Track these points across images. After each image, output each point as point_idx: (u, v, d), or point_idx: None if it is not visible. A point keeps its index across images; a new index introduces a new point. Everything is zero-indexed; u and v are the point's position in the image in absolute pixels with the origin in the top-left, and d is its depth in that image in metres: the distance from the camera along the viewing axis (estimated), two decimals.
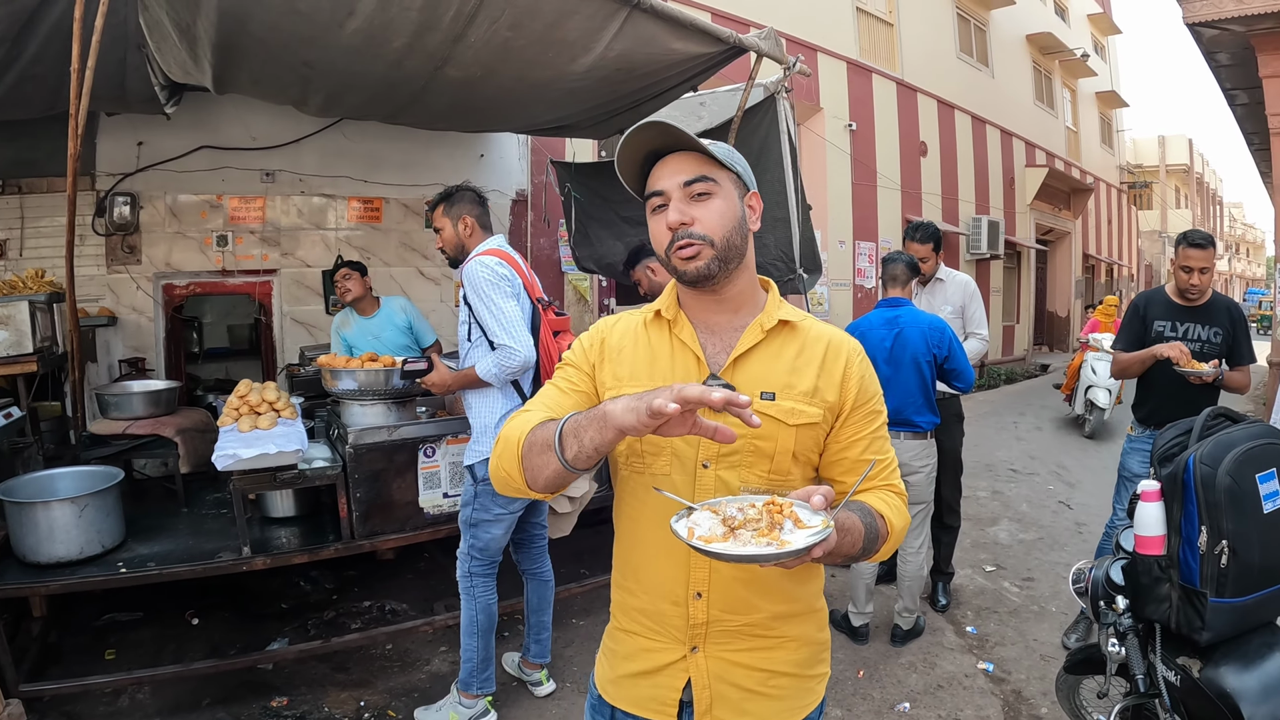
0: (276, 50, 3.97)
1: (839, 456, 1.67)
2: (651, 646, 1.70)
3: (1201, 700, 2.52)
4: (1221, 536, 2.47)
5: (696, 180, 1.57)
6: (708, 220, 1.57)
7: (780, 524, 1.34)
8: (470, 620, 3.66)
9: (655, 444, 1.62)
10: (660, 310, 1.70)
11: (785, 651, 1.68)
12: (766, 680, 1.66)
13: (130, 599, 4.64)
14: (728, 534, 1.33)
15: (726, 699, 1.65)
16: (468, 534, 3.65)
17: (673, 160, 1.60)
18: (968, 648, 4.65)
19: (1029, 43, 20.89)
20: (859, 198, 14.22)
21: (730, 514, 1.36)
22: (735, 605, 1.63)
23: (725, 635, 1.64)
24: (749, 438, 1.58)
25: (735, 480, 1.60)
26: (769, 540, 1.30)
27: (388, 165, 7.58)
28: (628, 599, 1.75)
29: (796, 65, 5.03)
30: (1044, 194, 20.58)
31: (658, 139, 1.59)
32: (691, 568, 1.61)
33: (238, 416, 4.11)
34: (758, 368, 1.62)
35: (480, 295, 3.46)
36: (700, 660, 1.65)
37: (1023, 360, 20.30)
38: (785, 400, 1.60)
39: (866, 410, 1.67)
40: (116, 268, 6.69)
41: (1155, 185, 34.66)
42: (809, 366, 1.63)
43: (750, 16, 11.16)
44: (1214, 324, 4.23)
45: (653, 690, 1.69)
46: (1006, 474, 8.98)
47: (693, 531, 1.34)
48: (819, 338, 1.67)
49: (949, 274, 5.33)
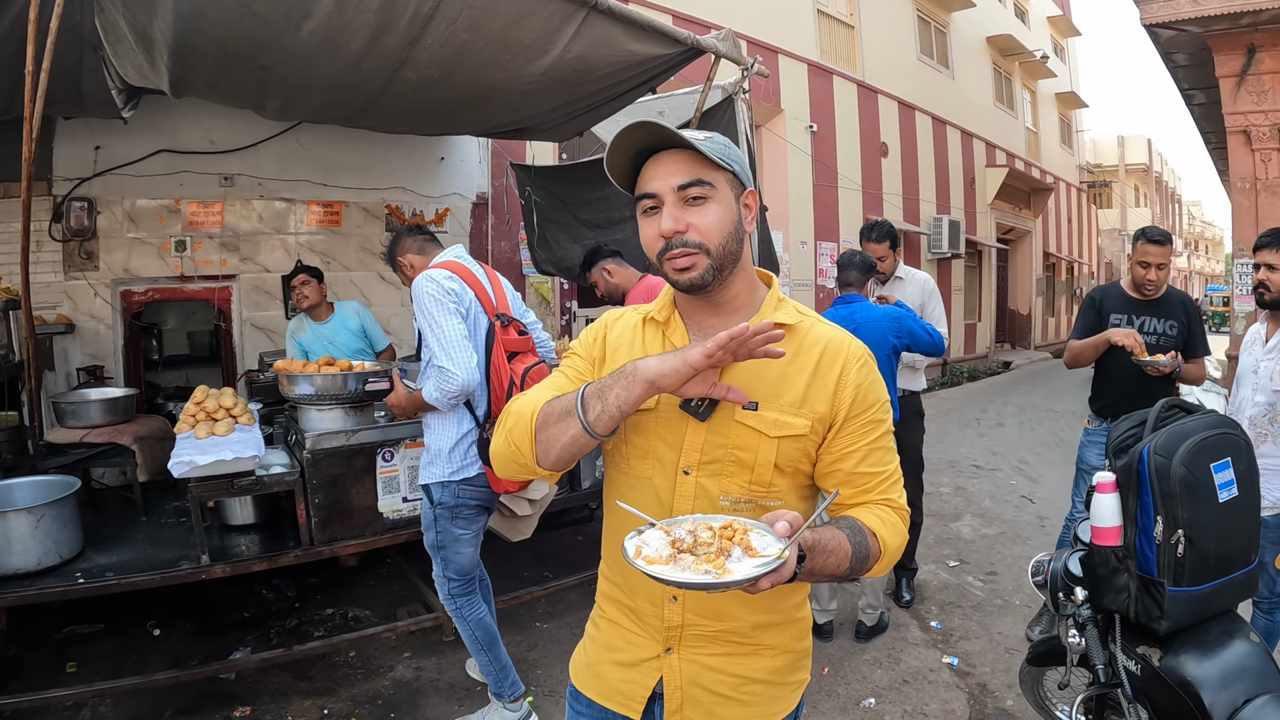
0: (233, 53, 3.94)
1: (833, 468, 1.60)
2: (632, 639, 1.69)
3: (1162, 689, 2.54)
4: (1177, 526, 2.49)
5: (692, 184, 1.51)
6: (703, 227, 1.51)
7: (728, 550, 1.32)
8: (471, 639, 3.63)
9: (640, 447, 1.61)
10: (654, 312, 1.68)
11: (762, 659, 1.65)
12: (740, 686, 1.64)
13: (91, 610, 4.58)
14: (671, 557, 1.32)
15: (698, 702, 1.64)
16: (437, 558, 3.60)
17: (666, 160, 1.53)
18: (932, 642, 4.69)
19: (989, 45, 21.11)
20: (820, 198, 14.29)
21: (679, 536, 1.35)
22: (711, 612, 1.60)
23: (701, 639, 1.63)
24: (730, 447, 1.55)
25: (715, 489, 1.57)
26: (711, 568, 1.28)
27: (347, 169, 7.52)
28: (614, 592, 1.75)
29: (755, 66, 5.05)
30: (1004, 194, 20.80)
31: (649, 137, 1.53)
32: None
33: (194, 423, 4.06)
34: (745, 376, 1.55)
35: (423, 312, 3.35)
36: (674, 661, 1.64)
37: (985, 358, 20.51)
38: (769, 411, 1.54)
39: (864, 420, 1.58)
40: (74, 274, 6.58)
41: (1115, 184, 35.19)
42: (800, 374, 1.57)
43: (710, 18, 11.18)
44: (1169, 317, 4.29)
45: (624, 684, 1.69)
46: (969, 470, 9.08)
47: (640, 550, 1.34)
48: (816, 341, 1.60)
49: (908, 272, 5.35)
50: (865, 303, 4.53)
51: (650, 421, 1.59)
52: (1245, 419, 3.74)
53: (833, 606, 4.67)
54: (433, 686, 4.12)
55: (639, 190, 1.57)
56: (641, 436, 1.60)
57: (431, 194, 8.04)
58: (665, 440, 1.59)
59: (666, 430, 1.58)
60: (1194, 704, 2.40)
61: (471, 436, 3.47)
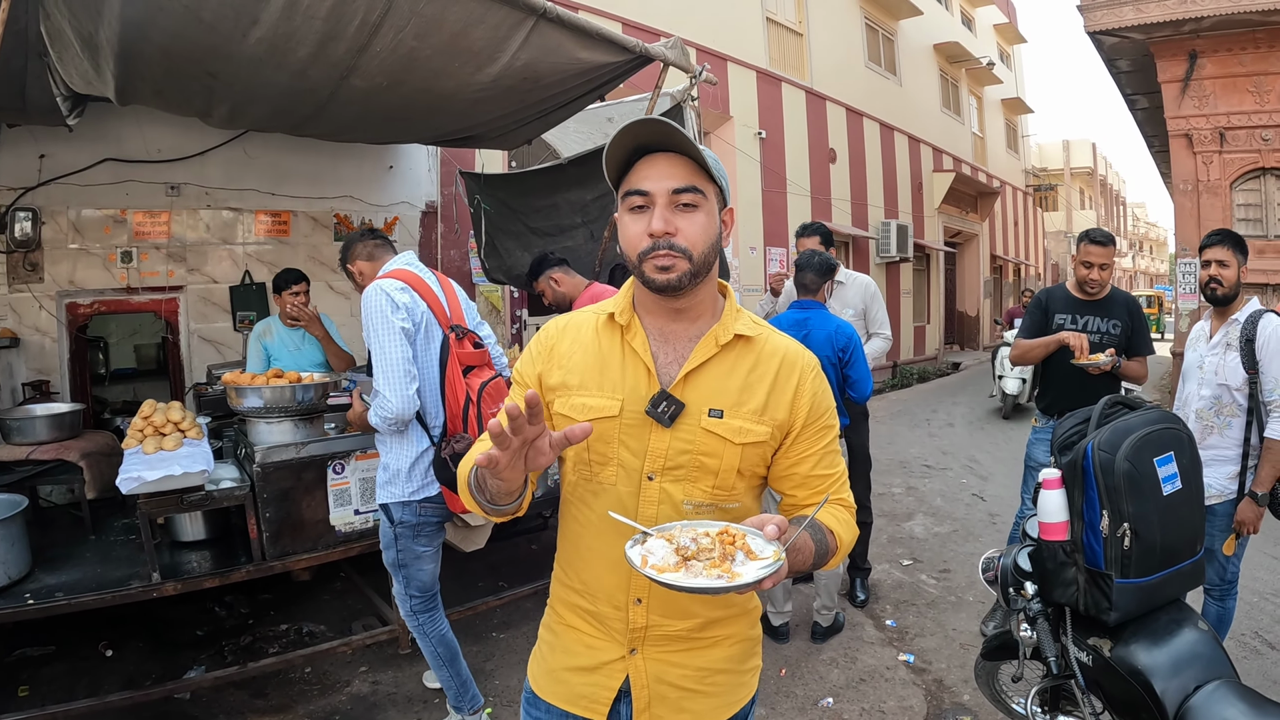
0: (179, 60, 3.87)
1: (789, 472, 1.67)
2: (593, 644, 1.71)
3: (1114, 678, 2.58)
4: (1123, 519, 2.55)
5: (686, 190, 1.53)
6: (690, 233, 1.53)
7: (732, 555, 1.35)
8: (433, 655, 3.60)
9: (603, 454, 1.62)
10: (614, 313, 1.66)
11: (720, 650, 1.70)
12: (704, 678, 1.69)
13: (42, 632, 4.49)
14: (680, 564, 1.34)
15: (665, 698, 1.67)
16: (398, 576, 3.55)
17: (663, 161, 1.54)
18: (888, 640, 4.74)
19: (936, 52, 21.43)
20: (769, 204, 14.41)
21: (684, 543, 1.38)
22: (673, 611, 1.64)
23: (663, 639, 1.66)
24: (694, 453, 1.58)
25: (679, 494, 1.60)
26: (720, 572, 1.32)
27: (295, 178, 7.42)
28: (571, 597, 1.75)
29: (703, 74, 5.08)
30: (951, 198, 21.10)
31: (654, 135, 1.53)
32: (633, 575, 1.61)
33: (142, 438, 3.99)
34: (709, 384, 1.60)
35: (371, 329, 3.26)
36: (639, 662, 1.67)
37: (934, 359, 20.78)
38: (733, 419, 1.59)
39: (818, 426, 1.67)
40: (18, 286, 6.42)
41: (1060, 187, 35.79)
42: (761, 383, 1.62)
43: (660, 26, 11.24)
44: (1112, 317, 4.39)
45: (588, 689, 1.70)
46: (920, 470, 9.21)
47: (646, 559, 1.36)
48: (774, 353, 1.65)
49: (850, 276, 5.42)
50: (822, 310, 4.56)
51: (614, 428, 1.60)
52: (1192, 413, 3.88)
53: (788, 608, 4.70)
54: (390, 700, 4.08)
55: (631, 186, 1.56)
56: (605, 444, 1.61)
57: (380, 202, 7.97)
58: (629, 447, 1.61)
59: (630, 437, 1.60)
60: (1145, 692, 2.45)
61: (429, 455, 3.43)
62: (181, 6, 3.35)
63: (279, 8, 3.44)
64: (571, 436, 1.36)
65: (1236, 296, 3.83)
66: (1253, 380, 3.65)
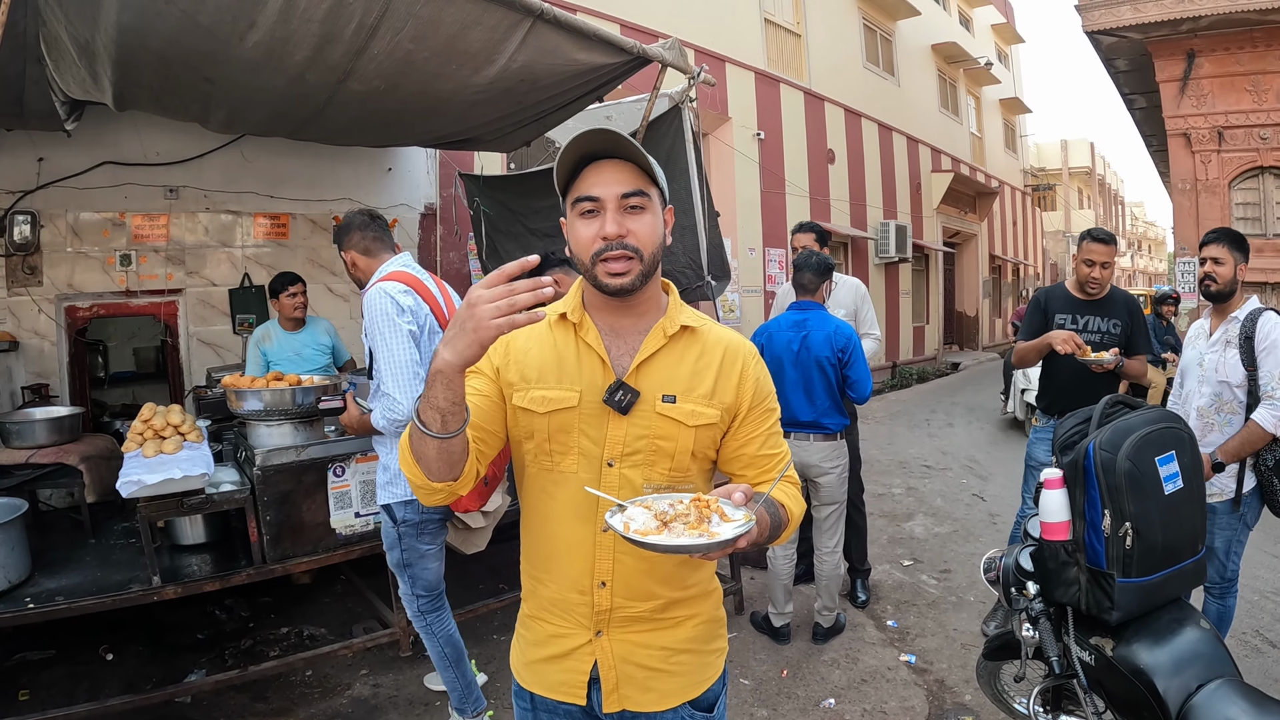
0: (177, 66, 3.89)
1: (738, 453, 1.78)
2: (559, 632, 1.78)
3: (1116, 678, 2.59)
4: (1125, 519, 2.56)
5: (634, 194, 1.61)
6: (641, 234, 1.61)
7: (709, 518, 1.45)
8: (439, 655, 3.59)
9: (563, 444, 1.69)
10: (566, 312, 1.73)
11: (684, 630, 1.79)
12: (668, 658, 1.77)
13: (42, 636, 4.48)
14: (660, 528, 1.42)
15: (632, 678, 1.75)
16: (404, 576, 3.54)
17: (609, 168, 1.62)
18: (889, 641, 4.74)
19: (934, 52, 21.44)
20: (768, 205, 14.40)
21: (662, 509, 1.47)
22: (636, 593, 1.73)
23: (627, 620, 1.74)
24: (651, 437, 1.68)
25: (638, 478, 1.69)
26: (700, 532, 1.41)
27: (293, 181, 7.44)
28: (537, 587, 1.83)
29: (701, 75, 5.07)
30: (950, 198, 21.11)
31: (604, 144, 1.60)
32: (596, 559, 1.70)
33: (142, 441, 3.98)
34: (660, 372, 1.70)
35: (376, 330, 3.25)
36: (605, 644, 1.75)
37: (933, 359, 20.78)
38: (686, 403, 1.69)
39: (762, 409, 1.78)
40: (17, 290, 6.43)
41: (1058, 187, 35.79)
42: (709, 370, 1.72)
43: (658, 27, 11.23)
44: (1112, 316, 4.40)
45: (562, 674, 1.79)
46: (920, 470, 9.18)
47: (628, 525, 1.43)
48: (718, 342, 1.76)
49: (840, 279, 5.41)
50: (821, 311, 4.55)
51: (573, 418, 1.68)
52: (1193, 410, 3.88)
53: (789, 609, 4.70)
54: (391, 703, 4.08)
55: (580, 193, 1.63)
56: (565, 433, 1.69)
57: (379, 205, 7.94)
58: (589, 435, 1.69)
59: (590, 426, 1.69)
60: (1148, 691, 2.46)
61: None
62: (178, 11, 3.35)
63: (275, 11, 3.44)
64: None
65: (1233, 294, 3.83)
66: (1252, 377, 3.66)
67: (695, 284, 5.47)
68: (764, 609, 4.82)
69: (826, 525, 4.61)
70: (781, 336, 4.48)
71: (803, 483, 4.57)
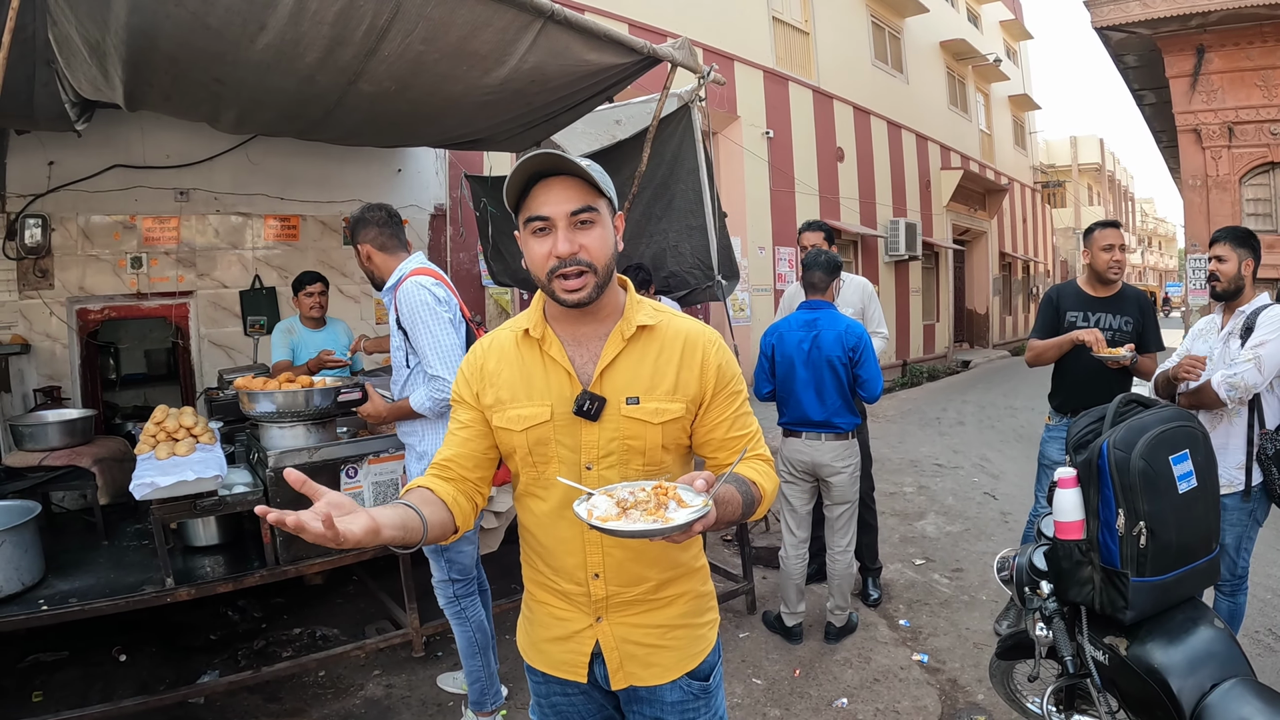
0: (187, 66, 3.89)
1: (708, 437, 1.86)
2: (563, 616, 1.91)
3: (1130, 677, 2.59)
4: (1139, 518, 2.55)
5: (582, 210, 1.68)
6: (592, 249, 1.69)
7: (666, 504, 1.52)
8: (469, 642, 3.62)
9: (544, 454, 1.81)
10: (529, 328, 1.83)
11: (675, 608, 1.90)
12: (664, 634, 1.89)
13: (56, 638, 4.49)
14: (620, 514, 1.50)
15: (634, 656, 1.88)
16: (440, 561, 3.57)
17: (556, 185, 1.69)
18: (901, 640, 4.73)
19: (943, 49, 21.40)
20: (777, 204, 14.39)
21: (622, 496, 1.56)
22: (628, 580, 1.84)
23: (623, 605, 1.86)
24: (621, 439, 1.78)
25: (616, 476, 1.78)
26: (655, 518, 1.48)
27: (303, 182, 7.46)
28: (538, 577, 1.95)
29: (711, 74, 5.07)
30: (960, 195, 21.07)
31: (547, 164, 1.67)
32: (587, 553, 1.82)
33: (155, 444, 4.00)
34: (623, 375, 1.78)
35: (418, 320, 3.36)
36: (605, 628, 1.87)
37: (944, 358, 20.74)
38: (650, 402, 1.77)
39: (727, 393, 1.85)
40: (29, 293, 6.46)
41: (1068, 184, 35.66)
42: (669, 365, 1.80)
43: (667, 27, 11.25)
44: (1124, 313, 4.37)
45: (566, 655, 1.91)
46: (931, 469, 9.16)
47: (591, 513, 1.50)
48: (676, 335, 1.83)
49: (847, 277, 5.39)
50: (831, 310, 4.53)
51: (548, 431, 1.79)
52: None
53: (801, 609, 4.69)
54: (404, 704, 4.09)
55: (531, 212, 1.70)
56: (544, 445, 1.80)
57: None
58: (565, 444, 1.79)
59: (565, 435, 1.79)
60: (1162, 690, 2.45)
61: None
62: (188, 14, 3.35)
63: (286, 14, 3.44)
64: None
65: (1240, 291, 3.81)
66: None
67: (705, 284, 5.48)
68: (776, 609, 4.81)
69: (839, 524, 4.60)
70: (792, 336, 4.46)
71: (814, 482, 4.59)
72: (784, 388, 4.50)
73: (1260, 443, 3.66)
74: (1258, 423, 3.69)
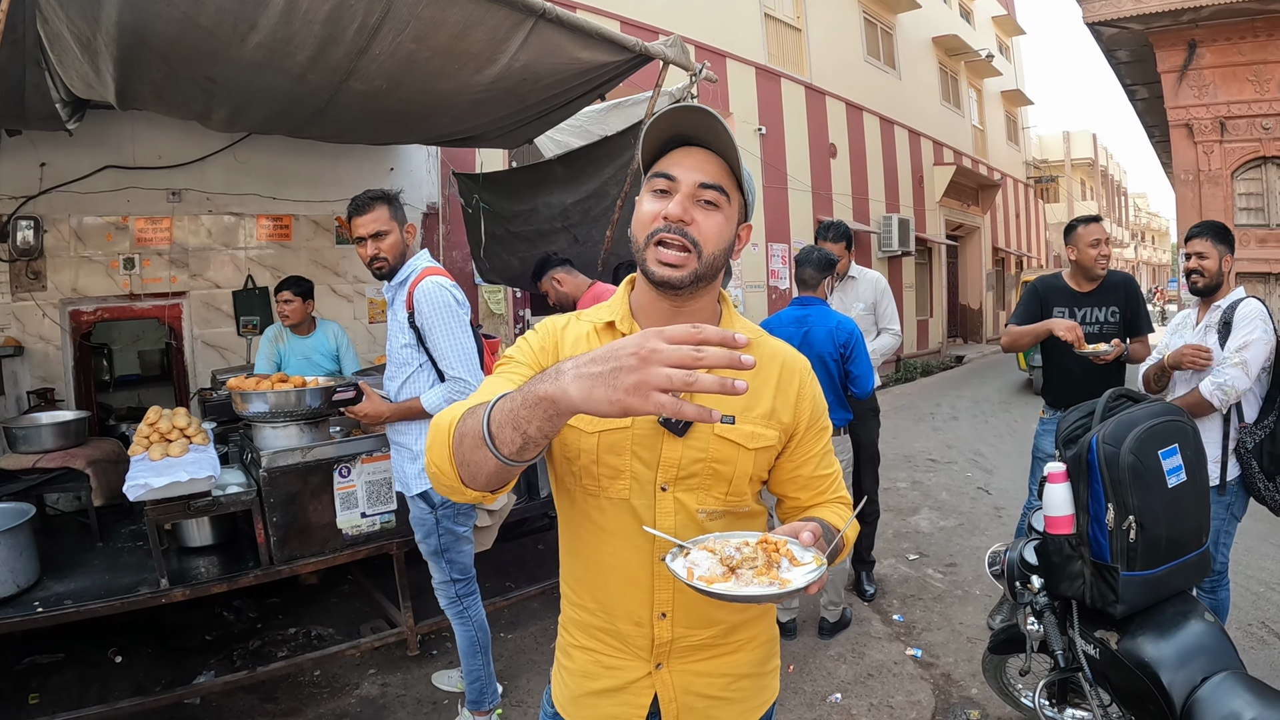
0: (178, 65, 3.90)
1: (793, 475, 1.68)
2: (614, 664, 1.65)
3: (1121, 671, 2.60)
4: (1128, 512, 2.57)
5: (713, 187, 1.49)
6: (706, 229, 1.49)
7: (778, 562, 1.34)
8: (471, 642, 3.61)
9: (613, 467, 1.55)
10: (614, 321, 1.61)
11: (744, 654, 1.68)
12: (730, 685, 1.66)
13: (52, 640, 4.50)
14: (727, 574, 1.32)
15: (693, 709, 1.64)
16: (440, 563, 3.56)
17: (698, 154, 1.50)
18: (895, 635, 4.75)
19: (935, 45, 21.40)
20: (770, 200, 14.39)
21: (729, 554, 1.35)
22: (699, 622, 1.61)
23: (689, 649, 1.63)
24: (708, 461, 1.55)
25: (693, 503, 1.56)
26: (770, 579, 1.30)
27: (295, 181, 7.45)
28: (584, 616, 1.69)
29: (703, 72, 5.07)
30: (953, 191, 21.08)
31: (697, 127, 1.49)
32: (655, 590, 1.58)
33: (148, 445, 4.01)
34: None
35: (439, 320, 3.31)
36: (665, 676, 1.63)
37: (938, 353, 20.77)
38: (745, 424, 1.57)
39: (818, 428, 1.68)
40: (21, 295, 6.44)
41: (1061, 179, 35.71)
42: (765, 387, 1.60)
43: (659, 24, 11.25)
44: (1109, 304, 4.37)
45: (617, 709, 1.66)
46: (925, 464, 9.20)
47: (692, 572, 1.33)
48: (774, 356, 1.64)
49: (860, 272, 5.42)
50: (822, 306, 4.54)
51: (625, 440, 1.54)
52: (1177, 398, 3.87)
53: (795, 605, 4.70)
54: (399, 702, 4.10)
55: (661, 168, 1.51)
56: (616, 456, 1.55)
57: None
58: (641, 459, 1.55)
59: (643, 448, 1.55)
60: (1153, 684, 2.47)
61: None
62: (179, 13, 3.37)
63: (277, 13, 3.45)
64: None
65: (1219, 287, 3.84)
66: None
67: None
68: None
69: None
70: (783, 332, 4.45)
71: None
72: None
73: (1240, 436, 3.68)
74: (1235, 417, 3.71)
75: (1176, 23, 11.40)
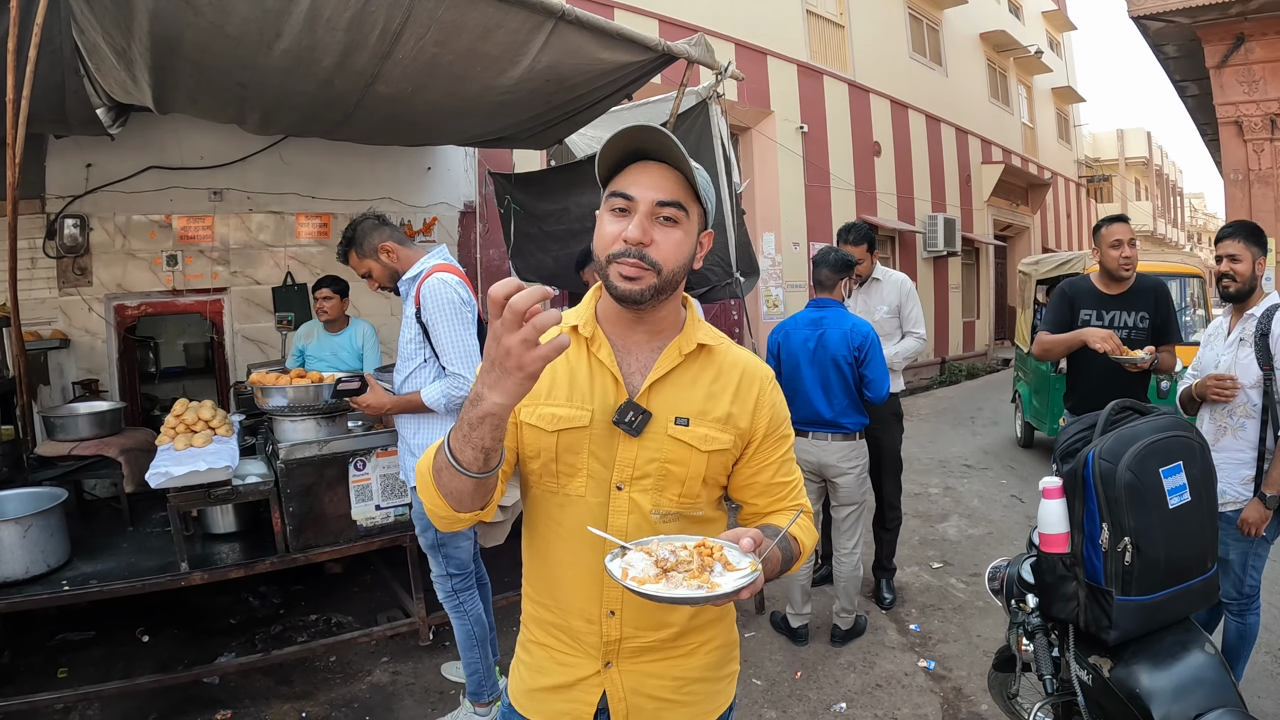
0: (210, 72, 4.05)
1: (750, 481, 1.71)
2: (566, 660, 1.70)
3: (1113, 700, 2.49)
4: (1124, 533, 2.44)
5: (670, 204, 1.52)
6: (664, 248, 1.52)
7: (710, 566, 1.38)
8: (467, 635, 3.68)
9: (571, 465, 1.61)
10: (577, 326, 1.65)
11: (697, 658, 1.71)
12: (680, 688, 1.69)
13: (83, 619, 4.68)
14: (660, 575, 1.36)
15: (642, 710, 1.68)
16: (437, 557, 3.63)
17: (655, 170, 1.53)
18: (909, 645, 4.68)
19: (983, 41, 21.12)
20: (812, 199, 14.33)
21: (663, 556, 1.39)
22: (648, 623, 1.64)
23: (638, 650, 1.66)
24: (661, 461, 1.60)
25: (647, 503, 1.61)
26: (700, 583, 1.34)
27: (334, 181, 7.61)
28: (541, 613, 1.74)
29: (729, 70, 5.07)
30: (1001, 190, 20.80)
31: (651, 144, 1.52)
32: (605, 587, 1.62)
33: (174, 435, 4.15)
34: (674, 392, 1.62)
35: (442, 317, 3.37)
36: (615, 675, 1.67)
37: (984, 355, 20.51)
38: (699, 426, 1.61)
39: (776, 436, 1.71)
40: (68, 290, 6.68)
41: (1115, 178, 35.04)
42: (724, 393, 1.64)
43: (699, 23, 11.23)
44: (1139, 309, 4.21)
45: (567, 705, 1.70)
46: (960, 469, 9.08)
47: (626, 572, 1.37)
48: (734, 364, 1.68)
49: (885, 273, 5.35)
50: (838, 309, 4.52)
51: (583, 439, 1.60)
52: (1206, 412, 3.70)
53: (807, 610, 4.66)
54: (408, 690, 4.19)
55: (617, 187, 1.55)
56: (574, 454, 1.61)
57: (419, 203, 8.13)
58: (599, 458, 1.61)
59: (600, 447, 1.60)
60: (1144, 717, 2.34)
61: None
62: (207, 22, 3.49)
63: (301, 21, 3.57)
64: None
65: (1253, 292, 3.62)
66: (1268, 377, 3.44)
67: (725, 281, 5.49)
68: (784, 609, 4.78)
69: (845, 526, 4.60)
70: (798, 334, 4.48)
71: (821, 482, 4.59)
72: (790, 386, 4.45)
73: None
74: (1272, 434, 3.47)
75: (1224, 16, 11.14)
